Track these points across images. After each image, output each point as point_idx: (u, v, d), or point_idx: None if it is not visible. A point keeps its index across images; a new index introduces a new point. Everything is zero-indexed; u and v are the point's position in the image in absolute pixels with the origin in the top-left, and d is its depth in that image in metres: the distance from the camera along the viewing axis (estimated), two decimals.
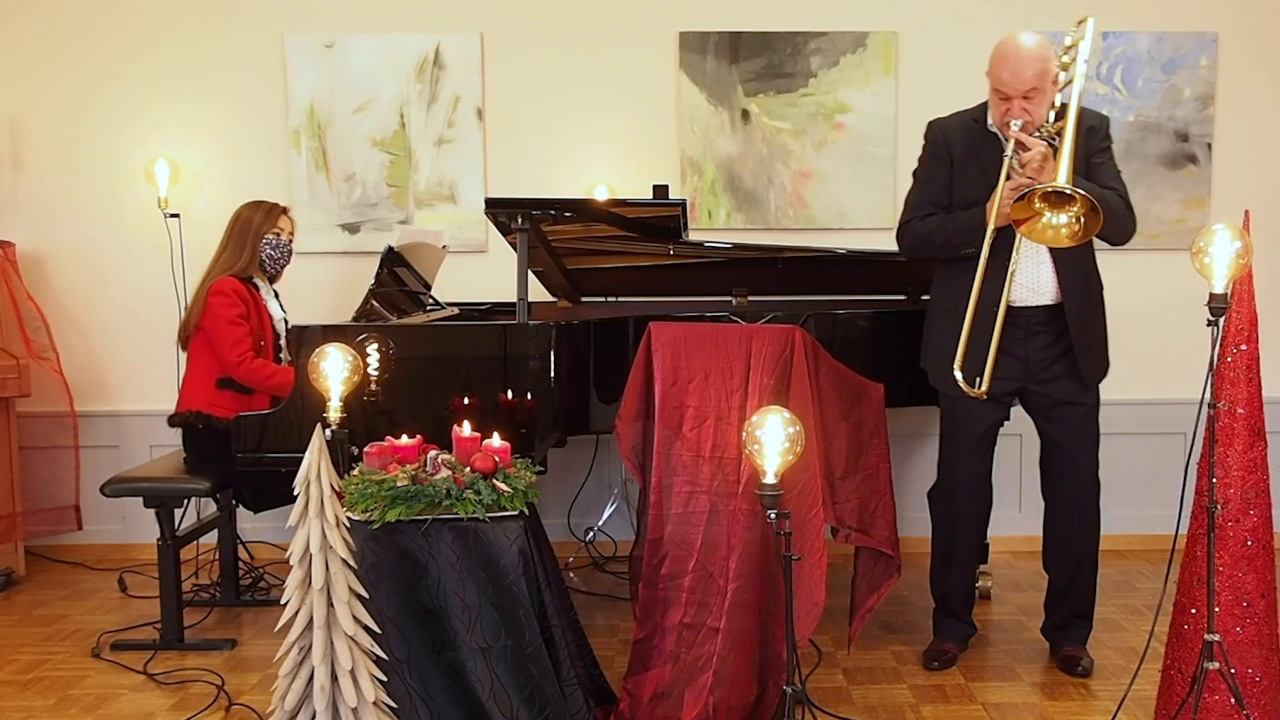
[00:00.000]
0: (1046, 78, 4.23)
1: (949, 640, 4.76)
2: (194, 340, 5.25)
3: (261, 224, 5.34)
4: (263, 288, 5.37)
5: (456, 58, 6.20)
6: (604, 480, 6.40)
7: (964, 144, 4.49)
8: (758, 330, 4.23)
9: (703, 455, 4.16)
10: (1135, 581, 5.78)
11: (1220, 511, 3.76)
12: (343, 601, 3.38)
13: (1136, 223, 4.43)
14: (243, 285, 5.23)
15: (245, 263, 5.28)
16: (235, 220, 5.37)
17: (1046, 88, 4.25)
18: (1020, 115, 4.23)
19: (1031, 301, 4.42)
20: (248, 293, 5.24)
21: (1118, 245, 4.43)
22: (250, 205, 5.40)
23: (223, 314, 5.13)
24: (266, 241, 5.32)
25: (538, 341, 4.55)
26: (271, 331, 5.33)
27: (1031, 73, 4.20)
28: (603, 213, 5.16)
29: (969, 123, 4.53)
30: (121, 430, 6.31)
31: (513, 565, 3.78)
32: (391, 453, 3.95)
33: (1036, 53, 4.21)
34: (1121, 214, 4.31)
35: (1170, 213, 6.22)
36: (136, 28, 6.19)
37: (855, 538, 4.38)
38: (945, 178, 4.52)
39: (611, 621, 5.27)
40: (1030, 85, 4.21)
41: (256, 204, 5.41)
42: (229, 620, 5.36)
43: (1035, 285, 4.40)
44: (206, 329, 5.17)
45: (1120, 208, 4.31)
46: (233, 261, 5.27)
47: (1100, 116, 4.49)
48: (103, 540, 6.34)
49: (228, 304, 5.14)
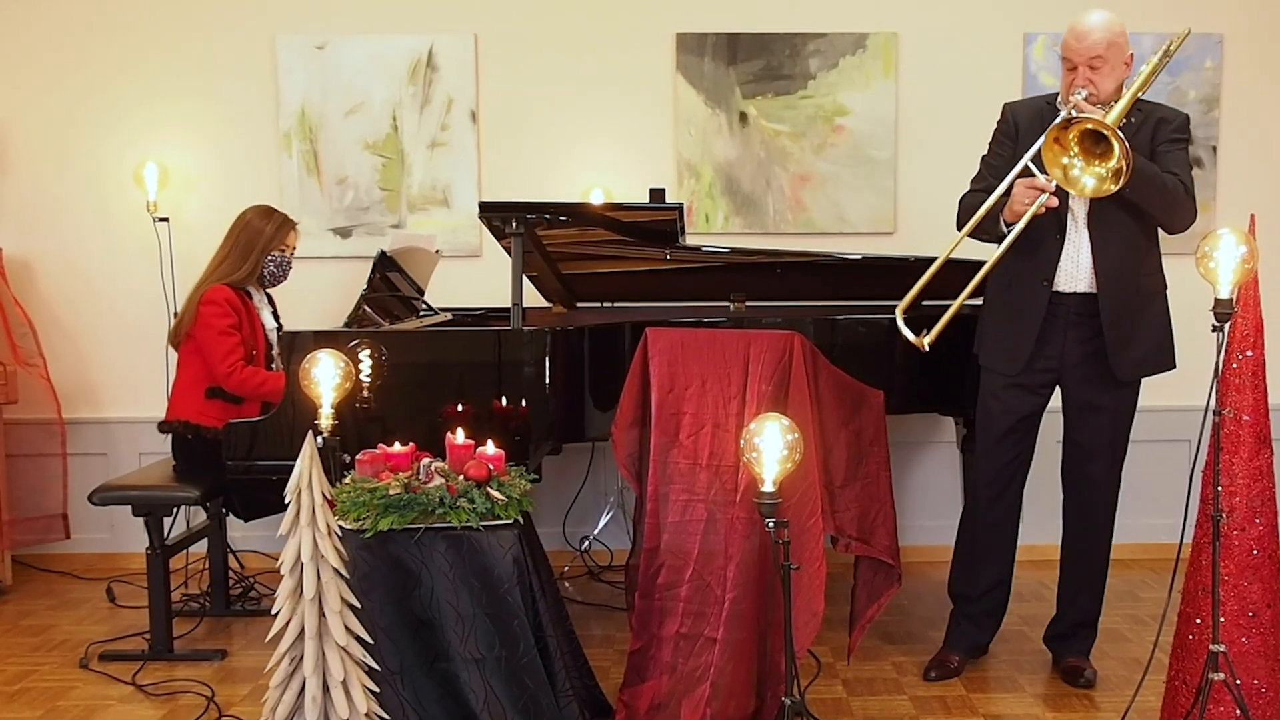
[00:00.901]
0: (1115, 51, 4.21)
1: (956, 650, 4.76)
2: (184, 346, 5.22)
3: (271, 238, 5.26)
4: (256, 296, 5.35)
5: (450, 59, 6.20)
6: (600, 488, 6.39)
7: (1029, 120, 4.46)
8: (756, 336, 4.23)
9: (700, 463, 4.16)
10: (1139, 591, 5.78)
11: (1225, 520, 3.77)
12: (334, 612, 3.38)
13: (1194, 210, 4.34)
14: (235, 295, 5.19)
15: (245, 275, 5.23)
16: (244, 227, 5.29)
17: (1114, 61, 4.22)
18: (1085, 85, 4.21)
19: (1068, 287, 4.40)
20: (240, 302, 5.21)
21: (1174, 232, 4.39)
22: (261, 213, 5.31)
23: (214, 324, 5.10)
24: (271, 258, 5.28)
25: (532, 347, 4.55)
26: (264, 341, 5.32)
27: (1098, 38, 4.18)
28: (598, 217, 5.16)
29: (1040, 104, 4.53)
30: (110, 438, 6.30)
31: (507, 575, 3.78)
32: (384, 460, 3.95)
33: (1107, 24, 4.20)
34: (1175, 195, 4.24)
35: None
36: (125, 29, 6.18)
37: (855, 546, 4.37)
38: (1008, 154, 4.48)
39: (607, 632, 5.26)
40: (1095, 53, 4.18)
41: (268, 213, 5.32)
42: (219, 631, 5.35)
43: (1074, 270, 4.39)
44: (197, 338, 5.15)
45: (1174, 188, 4.24)
46: (232, 270, 5.21)
47: (1178, 113, 4.43)
48: (91, 549, 6.32)
49: (219, 313, 5.11)
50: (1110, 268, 4.35)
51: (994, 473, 4.64)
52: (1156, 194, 4.21)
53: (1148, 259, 4.45)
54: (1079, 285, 4.40)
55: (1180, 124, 4.39)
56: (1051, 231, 4.37)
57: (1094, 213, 4.34)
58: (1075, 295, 4.41)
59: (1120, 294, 4.37)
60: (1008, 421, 4.57)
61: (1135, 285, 4.40)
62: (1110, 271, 4.35)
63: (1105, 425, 4.52)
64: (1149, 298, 4.45)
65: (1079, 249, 4.38)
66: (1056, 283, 4.40)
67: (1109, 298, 4.36)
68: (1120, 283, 4.37)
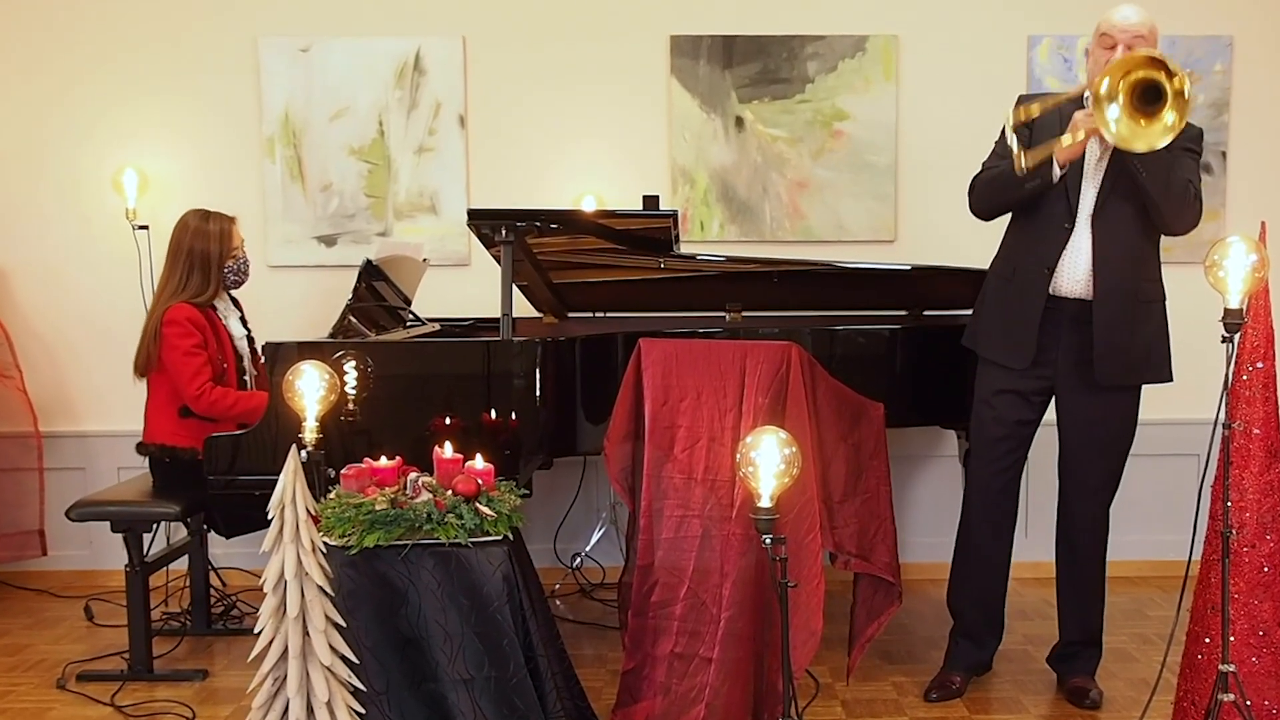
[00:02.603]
0: (1155, 41, 4.25)
1: (957, 670, 4.76)
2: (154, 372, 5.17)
3: (222, 245, 5.19)
4: (221, 306, 5.31)
5: (438, 62, 6.20)
6: (592, 504, 6.39)
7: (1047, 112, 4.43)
8: (752, 347, 4.24)
9: (695, 478, 4.17)
10: (1147, 609, 5.79)
11: (1235, 536, 3.78)
12: (319, 630, 3.38)
13: (1199, 213, 4.34)
14: (197, 311, 5.13)
15: (211, 292, 5.18)
16: (187, 251, 5.17)
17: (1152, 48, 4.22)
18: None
19: (1067, 291, 4.42)
20: (203, 318, 5.15)
21: (1174, 233, 4.37)
22: (198, 232, 5.18)
23: (179, 344, 5.04)
24: (228, 270, 5.23)
25: (522, 359, 4.55)
26: (233, 353, 5.28)
27: (1143, 19, 4.24)
28: (590, 224, 5.17)
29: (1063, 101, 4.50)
30: (88, 452, 6.29)
31: (496, 593, 3.78)
32: (370, 475, 3.96)
33: (1148, 17, 4.26)
34: (1184, 192, 4.26)
35: None
36: (103, 29, 6.18)
37: (854, 563, 4.38)
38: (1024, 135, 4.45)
39: (600, 651, 5.26)
40: (1139, 32, 4.22)
41: (204, 227, 5.19)
42: (200, 650, 5.35)
43: (1073, 273, 4.40)
44: (163, 360, 5.09)
45: (1183, 184, 4.26)
46: (197, 291, 5.13)
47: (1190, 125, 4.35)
48: (68, 566, 6.31)
49: (182, 333, 5.05)
50: (1108, 267, 4.36)
51: (985, 480, 4.66)
52: (1165, 184, 4.22)
53: (1147, 265, 4.45)
54: (1077, 290, 4.40)
55: (1193, 135, 4.38)
56: (1060, 220, 4.39)
57: (1098, 211, 4.36)
58: (1073, 301, 4.41)
59: (1116, 296, 4.37)
60: (999, 430, 4.59)
61: (1132, 289, 4.40)
62: (1108, 271, 4.36)
63: (1096, 438, 4.52)
64: (1145, 305, 4.45)
65: (1077, 253, 4.39)
66: (1056, 285, 4.41)
67: (1104, 298, 4.37)
68: (1117, 285, 4.37)
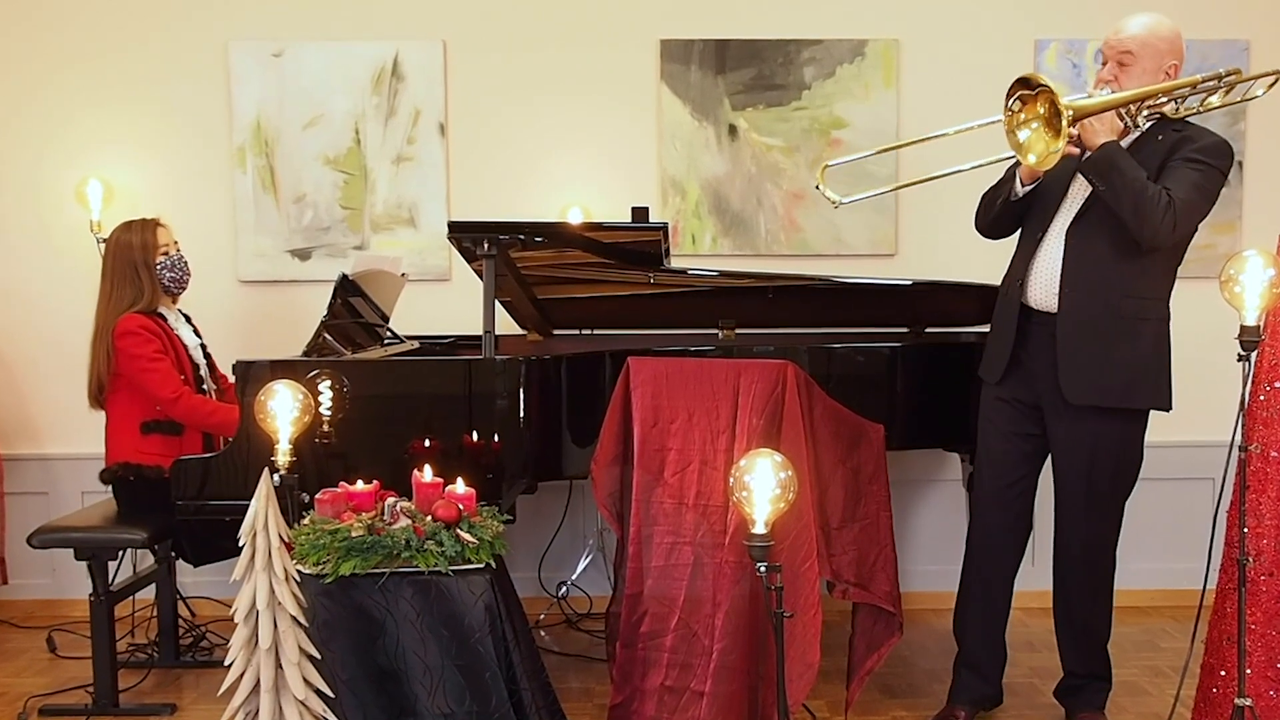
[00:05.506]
0: (1149, 53, 4.27)
1: (962, 705, 4.73)
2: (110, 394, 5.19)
3: (145, 249, 5.22)
4: (170, 315, 5.32)
5: (416, 68, 6.22)
6: (578, 530, 6.39)
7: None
8: (746, 366, 4.25)
9: (686, 503, 4.17)
10: (1159, 640, 5.79)
11: (1252, 564, 3.78)
12: (292, 663, 3.39)
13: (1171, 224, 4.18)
14: (149, 319, 5.16)
15: (150, 296, 5.20)
16: (114, 256, 5.23)
17: (1147, 63, 4.27)
18: (1108, 79, 4.31)
19: (1037, 303, 4.44)
20: (157, 326, 5.18)
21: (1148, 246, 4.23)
22: (119, 244, 5.24)
23: (140, 353, 5.06)
24: (162, 266, 5.24)
25: (505, 378, 4.56)
26: (189, 362, 5.29)
27: (1132, 33, 4.27)
28: (577, 238, 5.18)
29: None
30: (51, 475, 6.29)
31: (478, 623, 3.79)
32: (346, 500, 3.96)
33: (1148, 25, 4.29)
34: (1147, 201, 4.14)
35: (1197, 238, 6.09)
36: (65, 34, 6.19)
37: (853, 593, 4.39)
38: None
39: (586, 684, 5.25)
40: (1126, 48, 4.27)
41: (127, 226, 5.26)
42: (168, 683, 5.34)
43: (1043, 285, 4.42)
44: (125, 374, 5.11)
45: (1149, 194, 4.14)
46: (134, 299, 5.17)
47: (1209, 135, 4.36)
48: (30, 595, 6.30)
49: (140, 342, 5.07)
50: (1078, 280, 4.34)
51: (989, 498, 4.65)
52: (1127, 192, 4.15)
53: (1134, 281, 4.34)
54: (1049, 303, 4.40)
55: (1204, 146, 4.29)
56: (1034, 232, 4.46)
57: (1075, 225, 4.37)
58: (1044, 314, 4.42)
59: (1086, 311, 4.33)
60: (1000, 444, 4.59)
61: (1110, 305, 4.31)
62: (1077, 282, 4.34)
63: (1080, 461, 4.44)
64: (1129, 322, 4.33)
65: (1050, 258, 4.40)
66: (1028, 297, 4.44)
67: (1071, 310, 4.34)
68: (1088, 299, 4.33)
